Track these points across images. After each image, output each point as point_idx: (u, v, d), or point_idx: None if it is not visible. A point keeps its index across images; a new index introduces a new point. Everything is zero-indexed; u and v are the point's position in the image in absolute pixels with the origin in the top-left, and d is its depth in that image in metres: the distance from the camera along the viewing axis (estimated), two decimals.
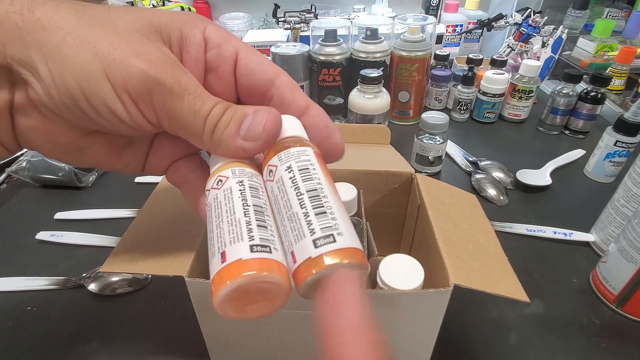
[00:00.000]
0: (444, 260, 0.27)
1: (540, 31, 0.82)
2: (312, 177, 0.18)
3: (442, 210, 0.32)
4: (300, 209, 0.17)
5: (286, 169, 0.19)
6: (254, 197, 0.19)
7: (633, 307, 0.40)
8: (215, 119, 0.20)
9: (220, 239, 0.17)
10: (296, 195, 0.18)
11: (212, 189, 0.20)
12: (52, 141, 0.21)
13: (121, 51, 0.18)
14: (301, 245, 0.17)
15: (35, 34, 0.18)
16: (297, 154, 0.19)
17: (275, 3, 0.96)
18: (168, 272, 0.26)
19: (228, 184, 0.19)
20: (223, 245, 0.17)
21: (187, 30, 0.22)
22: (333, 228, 0.17)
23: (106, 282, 0.44)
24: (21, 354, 0.37)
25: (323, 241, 0.16)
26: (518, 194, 0.59)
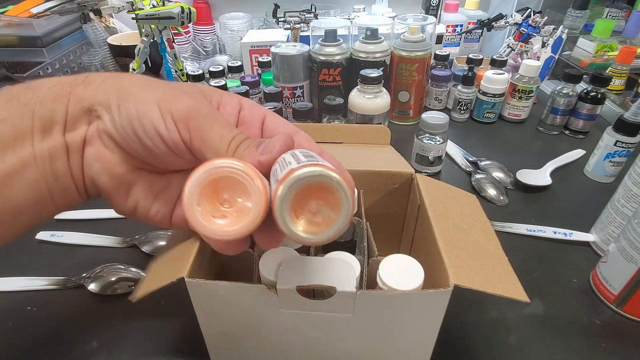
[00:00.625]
0: (444, 260, 0.27)
1: (540, 31, 0.82)
2: (311, 154, 0.22)
3: (442, 210, 0.32)
4: (293, 158, 0.21)
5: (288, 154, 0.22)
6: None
7: (633, 307, 0.40)
8: (237, 142, 0.24)
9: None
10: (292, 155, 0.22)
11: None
12: (107, 171, 0.25)
13: (174, 92, 0.24)
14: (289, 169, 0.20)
15: (115, 82, 0.24)
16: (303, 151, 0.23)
17: (275, 3, 0.96)
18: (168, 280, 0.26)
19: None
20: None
21: (226, 97, 0.28)
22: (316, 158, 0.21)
23: (106, 282, 0.44)
24: (21, 354, 0.37)
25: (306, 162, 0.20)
26: (518, 194, 0.59)
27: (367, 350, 0.30)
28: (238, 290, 0.27)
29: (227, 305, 0.28)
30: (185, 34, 1.09)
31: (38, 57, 0.89)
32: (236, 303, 0.28)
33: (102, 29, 1.01)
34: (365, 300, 0.26)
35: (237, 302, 0.28)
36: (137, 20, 0.69)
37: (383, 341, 0.29)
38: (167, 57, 0.78)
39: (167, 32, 0.74)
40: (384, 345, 0.29)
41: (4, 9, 0.93)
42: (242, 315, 0.29)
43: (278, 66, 0.72)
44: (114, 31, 1.07)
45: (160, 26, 0.73)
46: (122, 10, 0.75)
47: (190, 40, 1.11)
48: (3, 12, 0.92)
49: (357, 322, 0.27)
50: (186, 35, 1.10)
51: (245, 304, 0.28)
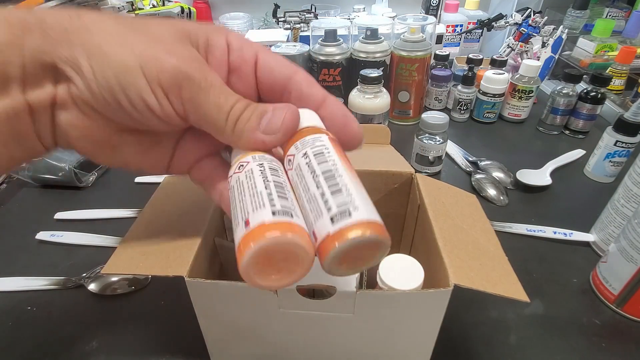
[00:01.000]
0: (444, 260, 0.27)
1: (540, 31, 0.82)
2: (326, 160, 0.19)
3: (442, 210, 0.32)
4: (317, 189, 0.18)
5: (302, 156, 0.20)
6: (274, 175, 0.20)
7: (633, 307, 0.40)
8: (237, 114, 0.21)
9: (243, 209, 0.18)
10: (312, 178, 0.19)
11: (234, 173, 0.21)
12: (88, 137, 0.22)
13: (155, 49, 0.20)
14: (320, 224, 0.18)
15: (80, 35, 0.20)
16: (312, 140, 0.20)
17: (275, 3, 0.96)
18: (168, 273, 0.26)
19: (249, 167, 0.20)
20: (246, 214, 0.18)
21: (212, 37, 0.24)
22: (349, 203, 0.18)
23: (106, 282, 0.44)
24: (21, 354, 0.37)
25: (340, 217, 0.17)
26: (518, 194, 0.59)
27: (367, 350, 0.30)
28: (238, 290, 0.27)
29: (227, 305, 0.28)
30: None
31: None
32: (236, 303, 0.28)
33: None
34: (365, 300, 0.26)
35: (237, 302, 0.28)
36: None
37: (383, 341, 0.29)
38: None
39: None
40: (384, 345, 0.29)
41: None
42: (242, 315, 0.29)
43: None
44: None
45: None
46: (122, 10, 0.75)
47: None
48: None
49: (357, 322, 0.27)
50: None
51: (245, 304, 0.28)
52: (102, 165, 0.23)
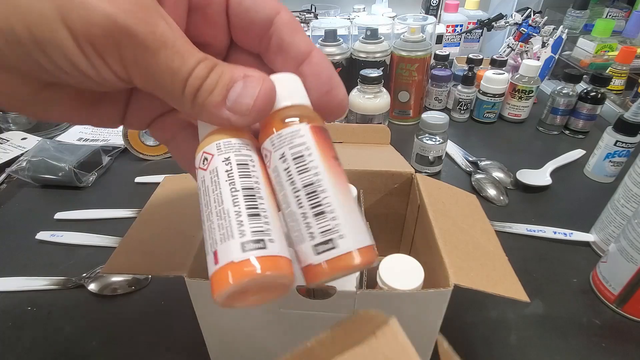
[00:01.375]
0: (444, 260, 0.27)
1: (540, 31, 0.82)
2: (307, 167, 0.17)
3: (442, 210, 0.32)
4: (298, 208, 0.17)
5: (280, 158, 0.17)
6: (243, 176, 0.17)
7: (633, 307, 0.40)
8: (197, 82, 0.17)
9: (211, 235, 0.16)
10: (292, 191, 0.17)
11: (199, 169, 0.18)
12: (7, 93, 0.18)
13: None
14: (303, 249, 0.16)
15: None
16: (290, 136, 0.17)
17: None
18: (168, 273, 0.26)
19: (213, 164, 0.17)
20: (215, 243, 0.16)
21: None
22: (333, 231, 0.16)
23: (106, 282, 0.44)
24: (21, 354, 0.37)
25: (323, 247, 0.16)
26: (518, 194, 0.59)
27: None
28: None
29: None
30: None
31: None
32: None
33: None
34: (366, 300, 0.26)
35: None
36: None
37: None
38: None
39: None
40: None
41: None
42: (242, 315, 0.29)
43: None
44: None
45: None
46: None
47: None
48: None
49: None
50: None
51: None
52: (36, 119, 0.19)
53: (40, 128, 0.74)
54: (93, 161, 0.64)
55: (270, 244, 0.16)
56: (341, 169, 0.18)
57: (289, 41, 0.19)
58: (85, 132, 0.74)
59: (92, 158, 0.64)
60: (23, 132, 0.72)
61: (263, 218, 0.17)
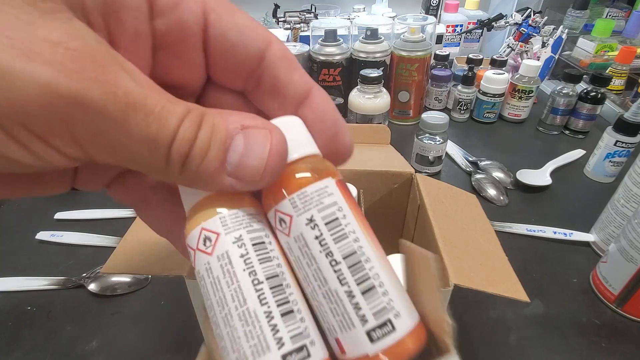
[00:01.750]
0: (444, 260, 0.26)
1: (540, 31, 0.82)
2: (345, 234, 0.14)
3: (442, 210, 0.32)
4: (341, 286, 0.13)
5: (307, 223, 0.14)
6: (263, 261, 0.14)
7: (633, 307, 0.40)
8: (184, 148, 0.13)
9: (235, 345, 0.13)
10: (330, 266, 0.14)
11: (199, 250, 0.14)
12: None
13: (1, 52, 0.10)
14: (351, 337, 0.13)
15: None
16: (318, 195, 0.14)
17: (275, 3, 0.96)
18: (168, 273, 0.26)
19: (222, 247, 0.14)
20: (243, 358, 0.13)
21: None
22: (388, 309, 0.14)
23: (106, 282, 0.44)
24: (21, 354, 0.37)
25: (379, 332, 0.13)
26: (518, 194, 0.59)
27: None
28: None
29: None
30: None
31: None
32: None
33: None
34: None
35: None
36: None
37: None
38: None
39: None
40: None
41: None
42: None
43: None
44: None
45: None
46: None
47: None
48: None
49: None
50: None
51: None
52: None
53: None
54: None
55: (312, 348, 0.13)
56: (369, 226, 0.15)
57: (286, 79, 0.16)
58: None
59: None
60: None
61: (297, 314, 0.14)
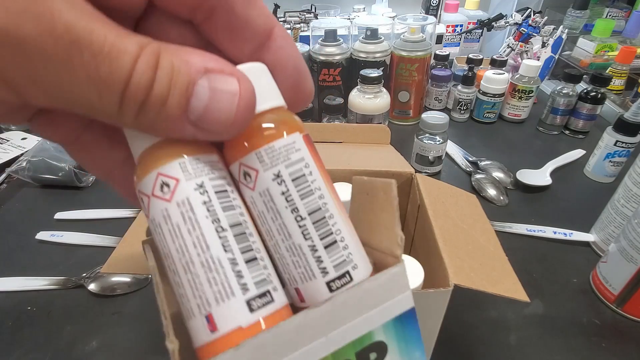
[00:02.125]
0: (444, 260, 0.26)
1: (540, 31, 0.82)
2: (311, 190, 0.14)
3: (442, 210, 0.32)
4: (304, 240, 0.14)
5: (274, 178, 0.14)
6: (226, 209, 0.13)
7: (633, 307, 0.40)
8: (141, 93, 0.11)
9: (196, 292, 0.13)
10: (295, 221, 0.14)
11: (154, 197, 0.13)
12: None
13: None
14: (311, 287, 0.14)
15: None
16: (286, 151, 0.14)
17: (275, 3, 0.96)
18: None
19: (182, 194, 0.13)
20: (206, 304, 0.13)
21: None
22: (347, 262, 0.14)
23: (106, 282, 0.44)
24: (21, 354, 0.37)
25: (338, 283, 0.14)
26: (518, 194, 0.59)
27: None
28: None
29: None
30: None
31: None
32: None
33: None
34: None
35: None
36: None
37: None
38: None
39: None
40: None
41: None
42: None
43: None
44: None
45: None
46: None
47: None
48: None
49: None
50: None
51: None
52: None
53: None
54: None
55: (275, 294, 0.14)
56: (331, 181, 0.15)
57: (243, 17, 0.13)
58: None
59: None
60: (23, 132, 0.72)
61: (260, 261, 0.14)
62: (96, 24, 0.10)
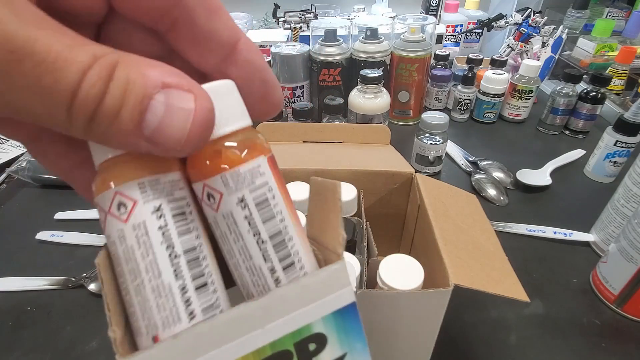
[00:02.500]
0: (444, 260, 0.27)
1: (540, 31, 0.82)
2: (273, 214, 0.14)
3: (442, 210, 0.32)
4: (264, 262, 0.14)
5: (237, 202, 0.14)
6: (182, 234, 0.14)
7: (633, 307, 0.40)
8: (90, 105, 0.11)
9: (145, 315, 0.13)
10: (257, 244, 0.14)
11: (111, 215, 0.13)
12: None
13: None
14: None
15: None
16: (250, 175, 0.14)
17: (275, 3, 0.96)
18: None
19: (139, 217, 0.13)
20: (153, 327, 0.13)
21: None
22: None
23: None
24: (21, 354, 0.37)
25: None
26: (518, 194, 0.59)
27: None
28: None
29: None
30: None
31: None
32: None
33: None
34: (366, 299, 0.26)
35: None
36: None
37: (383, 341, 0.29)
38: None
39: None
40: (384, 345, 0.29)
41: None
42: None
43: (278, 66, 0.72)
44: None
45: None
46: None
47: None
48: None
49: None
50: None
51: None
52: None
53: None
54: None
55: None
56: (292, 202, 0.15)
57: (206, 29, 0.13)
58: None
59: None
60: None
61: (211, 286, 0.14)
62: (42, 32, 0.10)
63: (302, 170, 0.38)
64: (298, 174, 0.38)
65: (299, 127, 0.45)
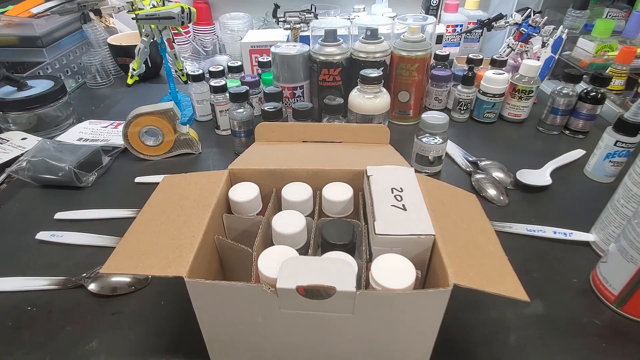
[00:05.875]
0: (444, 260, 0.27)
1: (540, 31, 0.82)
2: None
3: (442, 210, 0.32)
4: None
5: None
6: None
7: (633, 307, 0.40)
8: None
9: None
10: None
11: None
12: None
13: None
14: None
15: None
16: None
17: (275, 3, 0.96)
18: (168, 273, 0.26)
19: None
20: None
21: None
22: None
23: (106, 282, 0.44)
24: (21, 354, 0.37)
25: None
26: (518, 194, 0.59)
27: (366, 350, 0.30)
28: (238, 290, 0.27)
29: (227, 305, 0.28)
30: (185, 34, 1.09)
31: (38, 57, 0.90)
32: (236, 303, 0.28)
33: (102, 29, 1.01)
34: (365, 300, 0.26)
35: (237, 302, 0.28)
36: (137, 20, 0.69)
37: (383, 341, 0.29)
38: (167, 57, 0.78)
39: (167, 32, 0.74)
40: (384, 345, 0.29)
41: (4, 9, 0.93)
42: (242, 315, 0.29)
43: (278, 66, 0.72)
44: (114, 31, 1.07)
45: (160, 26, 0.73)
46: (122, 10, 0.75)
47: (190, 40, 1.11)
48: (3, 12, 0.92)
49: (356, 322, 0.27)
50: (186, 35, 1.10)
51: (245, 304, 0.28)
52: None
53: (40, 128, 0.74)
54: (93, 161, 0.64)
55: None
56: None
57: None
58: (85, 132, 0.74)
59: (92, 158, 0.64)
60: (23, 132, 0.72)
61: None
62: None
63: (302, 170, 0.38)
64: (298, 174, 0.38)
65: (299, 127, 0.45)
